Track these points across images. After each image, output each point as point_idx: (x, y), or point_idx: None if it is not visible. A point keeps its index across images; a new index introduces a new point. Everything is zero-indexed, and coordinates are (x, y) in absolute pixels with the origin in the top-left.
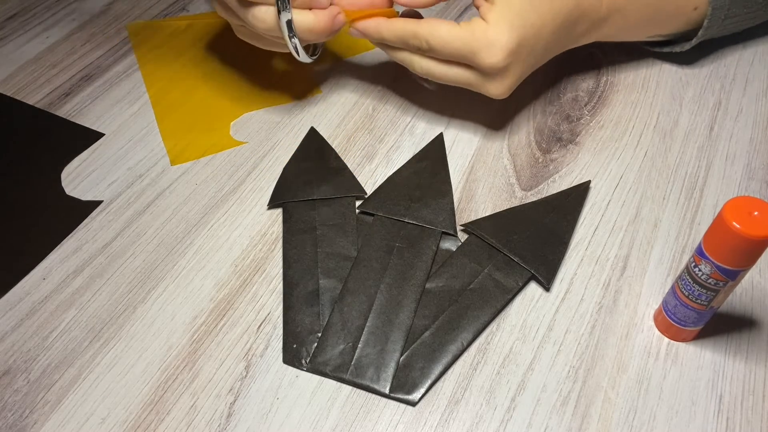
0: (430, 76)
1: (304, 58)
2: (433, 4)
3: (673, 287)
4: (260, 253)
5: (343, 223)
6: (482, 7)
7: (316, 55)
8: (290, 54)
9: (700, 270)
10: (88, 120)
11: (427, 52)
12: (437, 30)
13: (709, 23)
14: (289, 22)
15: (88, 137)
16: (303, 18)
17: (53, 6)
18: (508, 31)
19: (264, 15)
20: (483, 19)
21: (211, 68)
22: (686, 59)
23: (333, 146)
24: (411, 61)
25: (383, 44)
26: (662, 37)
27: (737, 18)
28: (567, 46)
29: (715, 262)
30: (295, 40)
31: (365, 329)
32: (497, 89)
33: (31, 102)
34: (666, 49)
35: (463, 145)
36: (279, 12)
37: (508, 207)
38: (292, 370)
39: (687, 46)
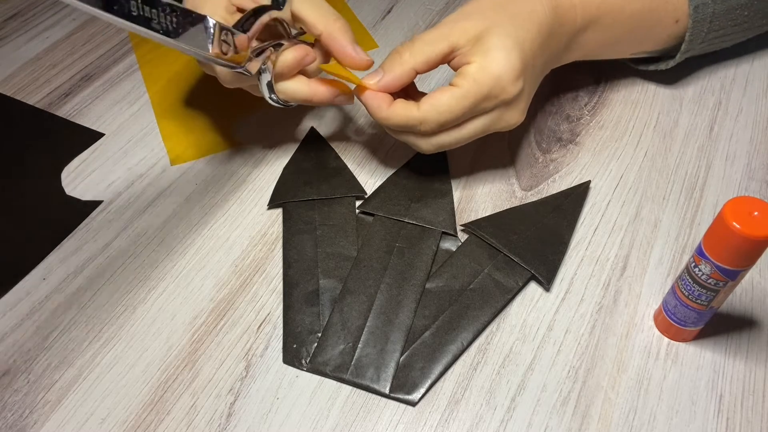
0: (445, 148)
1: (287, 106)
2: (369, 67)
3: (673, 287)
4: (260, 253)
5: (343, 223)
6: (462, 56)
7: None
8: None
9: (700, 270)
10: (88, 120)
11: (439, 129)
12: (440, 103)
13: (691, 37)
14: (270, 83)
15: (88, 137)
16: (288, 86)
17: (53, 6)
18: (506, 55)
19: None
20: (470, 63)
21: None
22: (672, 78)
23: (333, 146)
24: (417, 143)
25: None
26: (647, 53)
27: (723, 32)
28: (554, 62)
29: (715, 262)
30: (275, 96)
31: (365, 329)
32: (515, 117)
33: (31, 102)
34: (651, 67)
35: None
36: (260, 73)
37: (508, 207)
38: (292, 370)
39: (671, 63)
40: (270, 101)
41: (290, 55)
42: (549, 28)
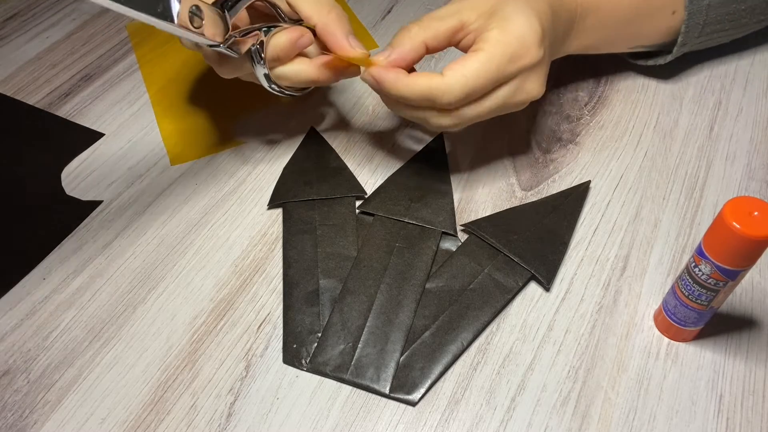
0: (465, 124)
1: (288, 96)
2: (416, 61)
3: (673, 287)
4: (260, 253)
5: (343, 223)
6: (475, 32)
7: (306, 90)
8: None
9: (700, 270)
10: (88, 120)
11: (463, 100)
12: (465, 68)
13: (686, 29)
14: (267, 75)
15: (88, 137)
16: (288, 69)
17: (53, 6)
18: (527, 19)
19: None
20: (489, 30)
21: (211, 68)
22: (672, 78)
23: (333, 146)
24: (437, 120)
25: (393, 100)
26: (645, 48)
27: (720, 26)
28: (557, 49)
29: (715, 262)
30: (275, 86)
31: (365, 329)
32: (537, 86)
33: (31, 102)
34: (650, 62)
35: (463, 145)
36: (253, 60)
37: (508, 207)
38: (292, 370)
39: (669, 57)
40: (272, 91)
41: (284, 37)
42: (555, 9)
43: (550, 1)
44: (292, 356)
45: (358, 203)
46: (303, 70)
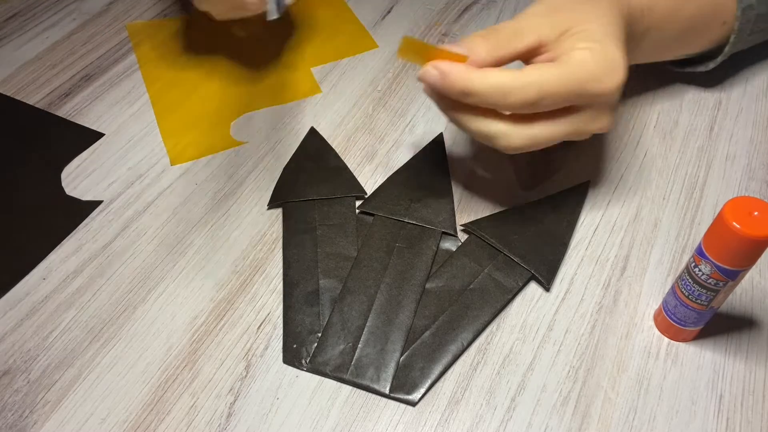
0: (532, 146)
1: (273, 14)
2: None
3: (673, 287)
4: (260, 253)
5: (343, 223)
6: (555, 48)
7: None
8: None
9: (700, 270)
10: (88, 120)
11: (534, 104)
12: (548, 72)
13: (735, 39)
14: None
15: (88, 137)
16: None
17: (53, 6)
18: (618, 48)
19: None
20: (576, 48)
21: (211, 68)
22: (672, 78)
23: (333, 146)
24: (505, 133)
25: (455, 107)
26: (688, 56)
27: (761, 34)
28: None
29: (715, 262)
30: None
31: (365, 329)
32: (610, 120)
33: (31, 102)
34: (688, 69)
35: (463, 145)
36: None
37: (508, 207)
38: (292, 370)
39: (712, 65)
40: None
41: None
42: (627, 35)
43: (625, 27)
44: (292, 356)
45: (358, 203)
46: None
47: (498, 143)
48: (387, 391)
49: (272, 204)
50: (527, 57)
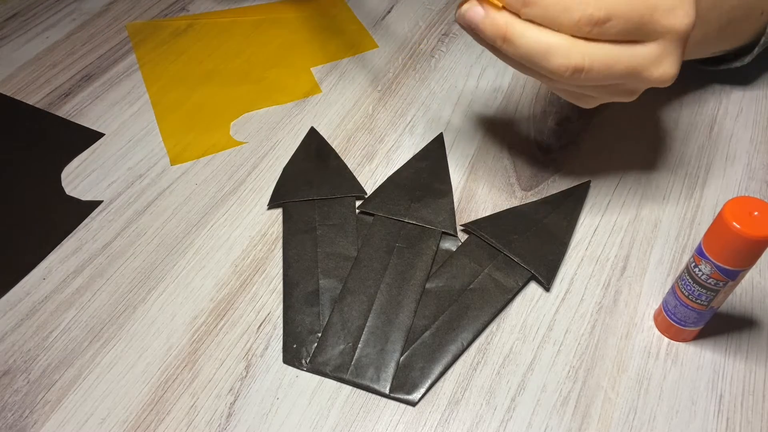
0: (590, 70)
1: None
2: None
3: (673, 287)
4: (260, 253)
5: (343, 223)
6: None
7: None
8: None
9: (700, 270)
10: (88, 120)
11: (595, 25)
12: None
13: None
14: None
15: (88, 137)
16: None
17: (53, 6)
18: None
19: None
20: None
21: (211, 68)
22: (709, 80)
23: (333, 146)
24: (562, 49)
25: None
26: (722, 51)
27: None
28: None
29: (715, 262)
30: None
31: (365, 329)
32: (675, 67)
33: (31, 102)
34: (723, 66)
35: (463, 145)
36: None
37: (508, 207)
38: (292, 370)
39: (748, 58)
40: None
41: None
42: None
43: None
44: (292, 356)
45: (358, 203)
46: None
47: (552, 61)
48: (387, 391)
49: (272, 204)
50: None
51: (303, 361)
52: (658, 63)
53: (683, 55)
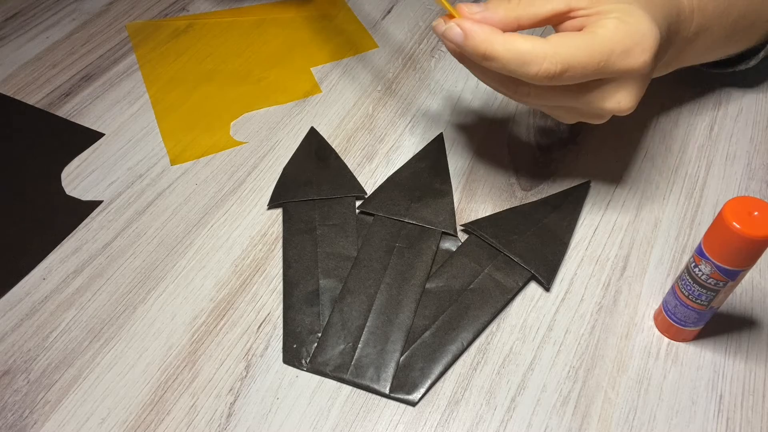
0: (563, 71)
1: None
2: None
3: (673, 287)
4: (260, 253)
5: (343, 223)
6: (586, 17)
7: None
8: None
9: (700, 270)
10: (88, 120)
11: (560, 74)
12: (575, 40)
13: None
14: None
15: (88, 137)
16: None
17: (53, 6)
18: (651, 23)
19: None
20: (608, 17)
21: (211, 68)
22: (672, 78)
23: (333, 146)
24: (525, 96)
25: (477, 64)
26: (728, 55)
27: None
28: (659, 70)
29: (715, 262)
30: None
31: (365, 329)
32: (630, 99)
33: (31, 102)
34: (729, 70)
35: (463, 145)
36: None
37: (508, 207)
38: (292, 370)
39: (753, 61)
40: None
41: None
42: (670, 31)
43: (669, 24)
44: (292, 356)
45: (358, 203)
46: None
47: (530, 69)
48: (387, 391)
49: (272, 204)
50: (555, 22)
51: (303, 361)
52: (614, 95)
53: (645, 86)
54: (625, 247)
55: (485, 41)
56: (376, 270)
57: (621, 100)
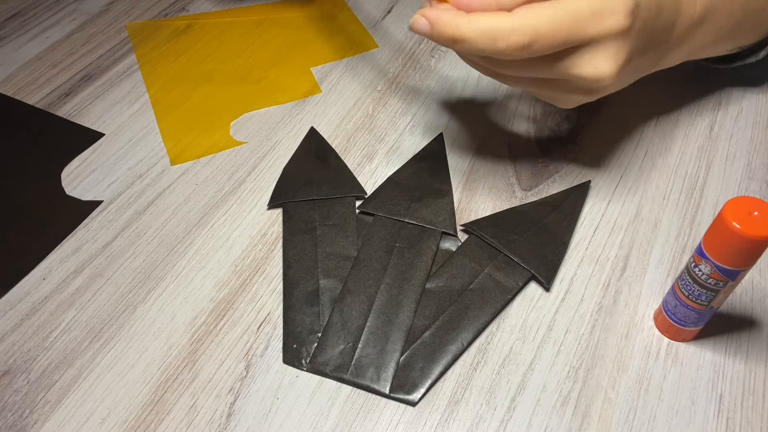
0: (533, 41)
1: None
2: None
3: (673, 287)
4: (260, 253)
5: (343, 223)
6: None
7: None
8: None
9: (700, 270)
10: (88, 120)
11: (523, 50)
12: (541, 8)
13: None
14: None
15: (88, 137)
16: None
17: (53, 6)
18: None
19: None
20: None
21: (211, 68)
22: (672, 78)
23: (333, 146)
24: (503, 74)
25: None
26: (738, 48)
27: None
28: (655, 63)
29: (715, 262)
30: None
31: (365, 329)
32: (609, 65)
33: (31, 102)
34: (737, 64)
35: (463, 145)
36: None
37: (508, 207)
38: (292, 370)
39: (763, 53)
40: None
41: None
42: (666, 5)
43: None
44: (292, 356)
45: (358, 203)
46: None
47: (500, 45)
48: (387, 391)
49: (272, 204)
50: None
51: (303, 361)
52: (590, 62)
53: (625, 53)
54: (625, 247)
55: (450, 25)
56: (376, 270)
57: (598, 66)
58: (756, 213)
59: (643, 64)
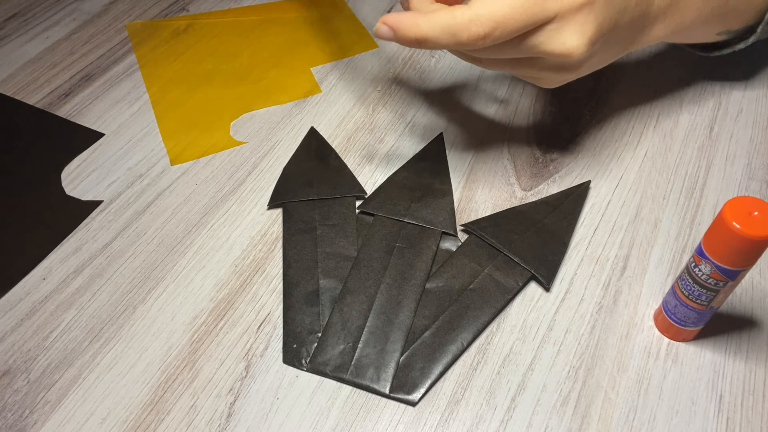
0: (492, 31)
1: None
2: None
3: (673, 287)
4: (260, 253)
5: (343, 223)
6: None
7: None
8: None
9: (700, 270)
10: (88, 120)
11: (484, 39)
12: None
13: None
14: None
15: (88, 137)
16: None
17: (53, 6)
18: None
19: None
20: None
21: (211, 68)
22: (672, 78)
23: (333, 146)
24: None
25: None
26: (728, 35)
27: None
28: (635, 36)
29: (715, 262)
30: None
31: (365, 329)
32: (576, 39)
33: (31, 102)
34: (726, 51)
35: (463, 145)
36: None
37: (508, 207)
38: (292, 370)
39: (752, 38)
40: None
41: None
42: None
43: None
44: (292, 356)
45: (358, 203)
46: None
47: (461, 38)
48: (387, 391)
49: (272, 204)
50: None
51: (303, 361)
52: (556, 37)
53: (593, 25)
54: (625, 247)
55: (411, 27)
56: (376, 270)
57: (566, 41)
58: (756, 213)
59: (619, 37)
